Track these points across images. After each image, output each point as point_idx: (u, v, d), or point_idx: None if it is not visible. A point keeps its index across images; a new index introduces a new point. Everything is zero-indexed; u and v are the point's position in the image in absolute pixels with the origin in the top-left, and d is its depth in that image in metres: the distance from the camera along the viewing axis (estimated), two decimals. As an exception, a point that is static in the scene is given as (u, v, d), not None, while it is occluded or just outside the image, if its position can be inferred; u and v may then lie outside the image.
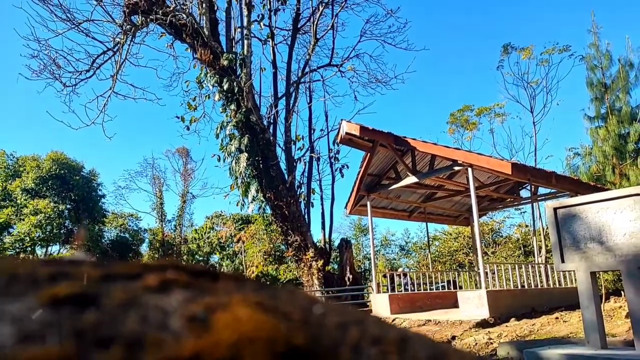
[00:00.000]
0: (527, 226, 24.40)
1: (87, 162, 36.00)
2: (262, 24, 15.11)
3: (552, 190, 12.96)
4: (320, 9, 15.26)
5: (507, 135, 43.07)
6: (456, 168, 10.70)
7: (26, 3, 11.05)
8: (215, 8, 13.68)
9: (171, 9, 12.03)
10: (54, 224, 24.79)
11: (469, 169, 10.15)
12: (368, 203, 12.68)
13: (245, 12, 13.89)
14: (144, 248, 32.92)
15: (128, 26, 12.12)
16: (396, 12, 15.62)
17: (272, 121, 14.38)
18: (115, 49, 12.42)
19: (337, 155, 15.12)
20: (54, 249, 28.32)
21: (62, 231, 25.84)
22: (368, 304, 12.60)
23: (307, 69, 15.69)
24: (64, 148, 32.97)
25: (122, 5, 11.96)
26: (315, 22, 15.22)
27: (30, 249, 25.10)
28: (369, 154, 11.81)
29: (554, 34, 51.76)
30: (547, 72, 20.60)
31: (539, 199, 14.23)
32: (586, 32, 17.20)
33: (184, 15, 12.25)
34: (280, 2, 15.32)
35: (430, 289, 12.16)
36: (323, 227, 14.95)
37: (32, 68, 11.75)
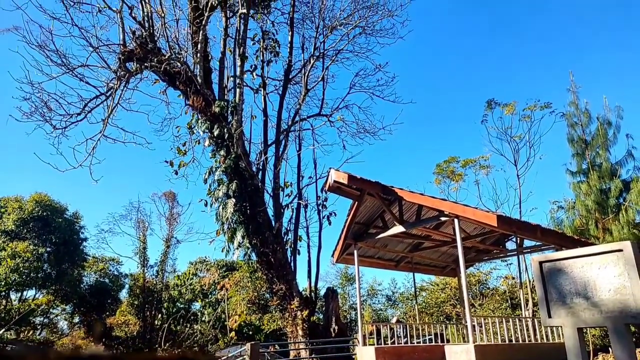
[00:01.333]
0: (513, 278, 24.29)
1: (71, 205, 35.42)
2: (254, 73, 15.55)
3: (538, 243, 13.04)
4: (312, 61, 15.78)
5: (492, 187, 43.60)
6: (443, 219, 10.77)
7: (23, 48, 11.19)
8: (210, 58, 14.07)
9: (166, 57, 12.33)
10: (32, 267, 24.03)
11: (456, 220, 10.22)
12: (355, 252, 12.59)
13: (238, 63, 14.30)
14: (124, 294, 31.92)
15: (122, 72, 12.35)
16: (384, 67, 16.23)
17: (261, 168, 14.47)
18: (108, 94, 12.58)
19: (324, 203, 15.17)
20: (30, 293, 27.33)
21: (39, 275, 25.01)
22: (353, 357, 12.23)
23: (297, 118, 16.01)
24: (49, 188, 32.40)
25: (118, 53, 12.24)
26: (306, 74, 15.69)
27: (4, 293, 24.15)
28: (356, 203, 11.85)
29: (535, 90, 53.92)
30: (529, 127, 21.25)
31: (524, 251, 14.28)
32: (565, 90, 17.95)
33: (179, 64, 12.55)
34: (272, 54, 15.85)
35: (417, 342, 11.89)
36: (309, 276, 14.75)
37: (23, 110, 11.81)
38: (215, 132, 12.95)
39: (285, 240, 14.03)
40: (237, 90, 14.07)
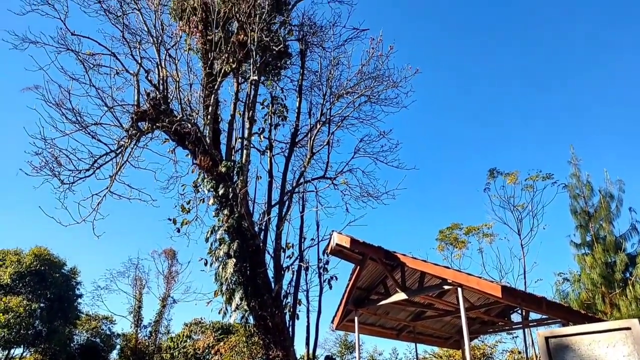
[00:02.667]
0: (519, 352, 23.34)
1: (69, 259, 35.08)
2: (262, 136, 15.98)
3: (544, 316, 12.68)
4: (318, 126, 16.25)
5: (496, 256, 42.94)
6: (446, 287, 10.57)
7: (40, 106, 11.65)
8: (220, 120, 14.53)
9: (178, 118, 12.75)
10: (23, 324, 23.36)
11: (459, 289, 10.02)
12: (356, 318, 12.24)
13: (247, 125, 14.74)
14: (114, 355, 30.72)
15: (134, 131, 12.72)
16: (388, 134, 16.62)
17: (263, 228, 14.45)
18: (118, 151, 12.87)
19: (326, 266, 14.97)
20: (17, 351, 26.37)
21: (30, 332, 24.25)
22: None
23: (301, 180, 16.21)
24: (50, 242, 32.33)
25: (132, 113, 12.67)
26: (312, 138, 16.10)
27: (-9, 350, 23.33)
28: (358, 267, 11.71)
29: (537, 159, 54.70)
30: (532, 197, 21.39)
31: (530, 324, 13.85)
32: (566, 162, 18.23)
33: (189, 125, 12.95)
34: (280, 118, 16.38)
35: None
36: (307, 342, 14.26)
37: (33, 164, 12.03)
38: (220, 192, 13.08)
39: (284, 303, 13.70)
40: (245, 151, 14.39)
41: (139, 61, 12.96)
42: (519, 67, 53.68)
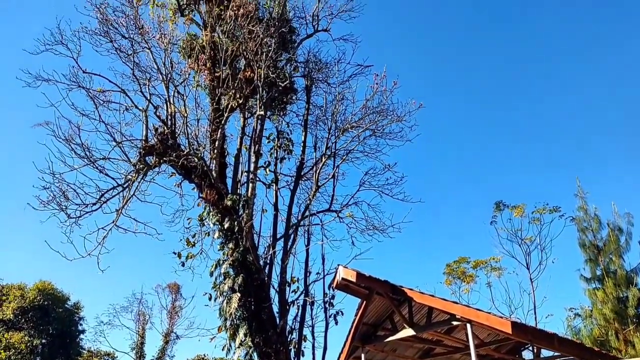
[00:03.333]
0: (532, 392, 22.55)
1: (73, 294, 34.69)
2: (267, 169, 16.10)
3: (556, 354, 12.32)
4: (323, 160, 16.37)
5: (505, 290, 42.10)
6: (454, 323, 10.35)
7: (50, 141, 11.89)
8: (226, 154, 14.72)
9: (185, 153, 12.94)
10: (24, 360, 23.01)
11: (468, 325, 9.81)
12: (362, 355, 11.96)
13: (253, 159, 14.90)
14: (115, 394, 30.01)
15: (141, 165, 12.89)
16: (393, 167, 16.70)
17: (268, 261, 14.35)
18: (125, 185, 13.00)
19: (332, 301, 14.72)
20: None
21: (30, 369, 23.85)
22: None
23: (307, 213, 16.18)
24: (55, 274, 32.20)
25: (139, 147, 12.88)
26: (317, 171, 16.19)
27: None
28: (365, 302, 11.53)
29: (544, 192, 54.48)
30: (539, 230, 21.18)
31: (542, 362, 13.45)
32: (573, 195, 18.14)
33: (196, 159, 13.12)
34: (286, 152, 16.54)
35: None
36: (313, 381, 13.86)
37: (41, 199, 12.17)
38: (226, 225, 13.09)
39: (289, 339, 13.44)
40: (250, 184, 14.48)
41: (148, 97, 13.28)
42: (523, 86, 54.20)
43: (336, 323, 14.51)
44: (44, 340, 25.15)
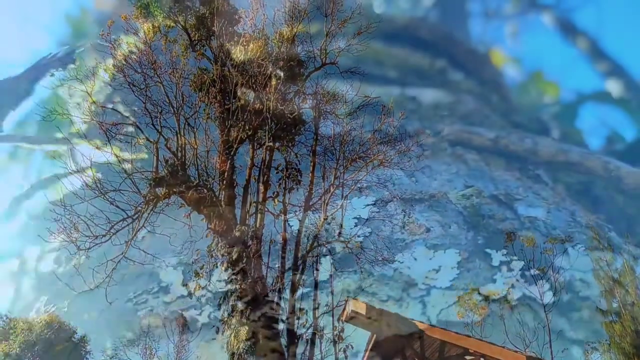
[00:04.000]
0: None
1: (80, 327, 34.37)
2: (276, 200, 16.11)
3: (574, 390, 11.89)
4: (331, 190, 16.39)
5: (519, 322, 41.09)
6: (468, 357, 10.08)
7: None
8: (235, 184, 14.81)
9: (194, 184, 13.05)
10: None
11: (482, 360, 9.56)
12: (373, 392, 11.63)
13: (261, 190, 14.98)
14: None
15: (151, 197, 13.00)
16: (402, 196, 16.65)
17: (277, 293, 14.19)
18: (135, 217, 13.07)
19: (341, 334, 14.41)
20: None
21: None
22: None
23: (315, 243, 16.07)
24: (61, 308, 31.86)
25: (150, 179, 13.02)
26: (326, 202, 16.18)
27: None
28: (375, 336, 11.30)
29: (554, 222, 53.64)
30: (552, 261, 20.75)
31: (561, 398, 12.96)
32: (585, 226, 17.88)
33: (205, 190, 13.21)
34: (295, 182, 16.60)
35: None
36: (322, 418, 13.43)
37: (51, 231, 12.26)
38: (234, 256, 13.04)
39: (298, 375, 13.13)
40: (259, 215, 14.49)
41: (159, 130, 13.51)
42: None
43: (346, 357, 14.15)
44: (49, 375, 24.71)
